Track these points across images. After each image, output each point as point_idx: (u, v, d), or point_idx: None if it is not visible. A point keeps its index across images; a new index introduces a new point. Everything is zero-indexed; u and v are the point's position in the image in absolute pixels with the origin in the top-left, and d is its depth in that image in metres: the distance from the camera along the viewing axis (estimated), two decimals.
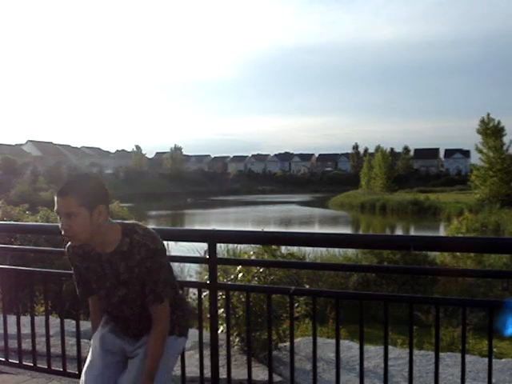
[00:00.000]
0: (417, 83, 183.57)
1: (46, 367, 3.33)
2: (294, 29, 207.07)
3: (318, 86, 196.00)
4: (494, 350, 4.80)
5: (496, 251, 5.14)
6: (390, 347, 3.32)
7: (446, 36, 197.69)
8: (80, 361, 3.22)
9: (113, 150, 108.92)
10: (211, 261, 2.87)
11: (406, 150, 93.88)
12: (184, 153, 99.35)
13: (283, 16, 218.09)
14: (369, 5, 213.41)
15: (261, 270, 4.97)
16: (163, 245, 2.14)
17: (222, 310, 3.75)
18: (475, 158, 46.88)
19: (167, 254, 2.19)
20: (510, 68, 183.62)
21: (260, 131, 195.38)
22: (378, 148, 67.43)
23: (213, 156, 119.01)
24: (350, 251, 13.09)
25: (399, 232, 32.47)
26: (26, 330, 3.38)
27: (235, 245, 11.01)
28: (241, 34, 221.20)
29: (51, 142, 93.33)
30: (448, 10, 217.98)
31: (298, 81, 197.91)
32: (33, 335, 3.32)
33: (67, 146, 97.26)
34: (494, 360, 2.58)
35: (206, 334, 2.96)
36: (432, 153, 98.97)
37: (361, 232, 32.04)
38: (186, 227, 28.27)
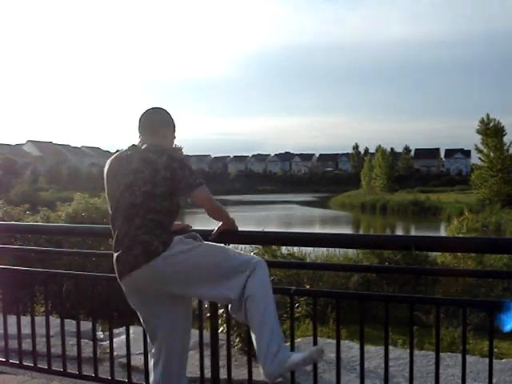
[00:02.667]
0: (417, 83, 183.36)
1: (47, 367, 3.32)
2: (296, 28, 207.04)
3: (318, 85, 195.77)
4: (495, 350, 4.79)
5: (497, 251, 5.13)
6: (390, 347, 3.31)
7: (446, 36, 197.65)
8: (80, 361, 3.22)
9: (113, 150, 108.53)
10: None
11: (407, 149, 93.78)
12: (184, 153, 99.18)
13: (286, 15, 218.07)
14: (372, 4, 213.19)
15: None
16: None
17: (222, 309, 3.74)
18: (476, 158, 46.91)
19: None
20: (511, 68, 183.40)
21: (260, 131, 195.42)
22: (378, 148, 67.40)
23: (213, 156, 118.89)
24: (351, 251, 13.07)
25: (400, 232, 32.45)
26: (26, 330, 3.37)
27: (235, 245, 11.00)
28: (240, 33, 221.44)
29: (51, 142, 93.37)
30: (448, 11, 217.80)
31: (299, 81, 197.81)
32: (33, 335, 3.32)
33: (67, 146, 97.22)
34: (494, 360, 2.57)
35: (206, 333, 2.96)
36: (433, 153, 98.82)
37: (361, 232, 32.04)
38: None
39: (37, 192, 49.42)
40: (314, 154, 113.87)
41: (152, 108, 2.55)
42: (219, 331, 3.08)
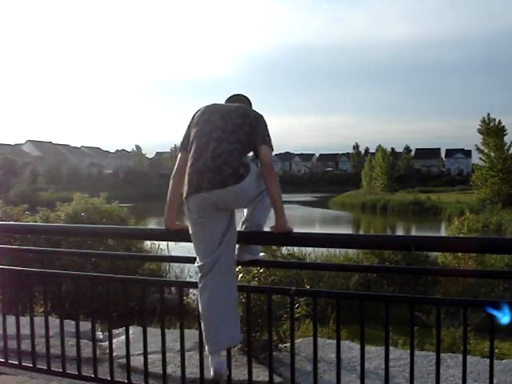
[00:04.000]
0: (418, 83, 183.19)
1: (46, 368, 3.31)
2: (296, 27, 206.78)
3: (318, 85, 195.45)
4: (496, 350, 4.78)
5: (497, 251, 5.12)
6: (390, 348, 3.31)
7: (447, 36, 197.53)
8: (80, 361, 3.21)
9: (113, 150, 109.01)
10: None
11: (407, 149, 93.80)
12: None
13: (286, 14, 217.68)
14: (373, 4, 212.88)
15: (261, 271, 4.97)
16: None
17: None
18: (476, 158, 46.86)
19: (167, 253, 2.26)
20: None
21: None
22: (378, 148, 67.41)
23: None
24: (351, 251, 13.06)
25: (400, 232, 32.44)
26: (25, 330, 3.37)
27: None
28: (240, 33, 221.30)
29: (51, 142, 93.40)
30: (449, 10, 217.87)
31: (299, 81, 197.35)
32: (32, 336, 3.31)
33: (67, 146, 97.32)
34: (495, 361, 2.56)
35: None
36: (433, 153, 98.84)
37: (362, 232, 32.03)
38: None
39: (36, 192, 49.44)
40: (314, 154, 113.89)
41: (234, 94, 3.05)
42: None
